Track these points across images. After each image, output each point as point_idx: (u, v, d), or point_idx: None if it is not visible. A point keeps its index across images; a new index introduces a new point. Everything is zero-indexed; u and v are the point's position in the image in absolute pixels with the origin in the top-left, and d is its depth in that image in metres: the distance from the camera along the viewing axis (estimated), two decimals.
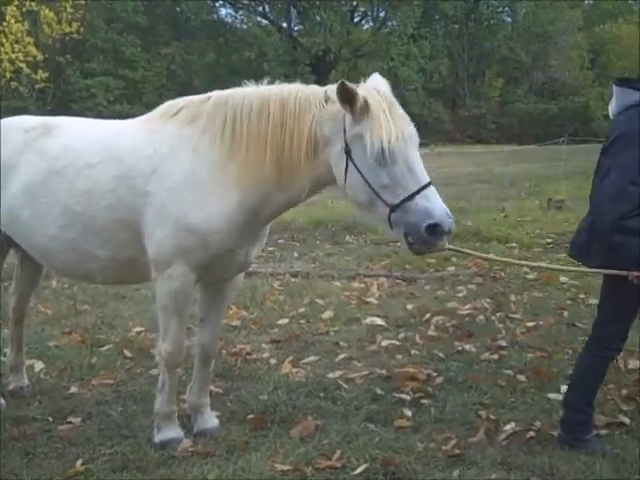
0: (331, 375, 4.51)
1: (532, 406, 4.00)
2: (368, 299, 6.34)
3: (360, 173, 3.19)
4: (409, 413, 3.93)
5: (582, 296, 6.38)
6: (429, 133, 30.72)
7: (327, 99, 3.32)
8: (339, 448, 3.52)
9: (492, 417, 3.81)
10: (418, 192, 3.08)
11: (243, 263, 3.68)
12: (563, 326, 5.50)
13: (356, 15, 43.75)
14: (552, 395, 4.10)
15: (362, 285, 6.95)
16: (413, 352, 4.95)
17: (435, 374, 4.46)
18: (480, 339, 5.15)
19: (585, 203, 3.61)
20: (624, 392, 4.08)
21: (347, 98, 3.13)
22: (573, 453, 3.39)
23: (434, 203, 3.07)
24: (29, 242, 3.86)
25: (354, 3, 41.62)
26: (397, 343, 5.09)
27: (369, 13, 43.49)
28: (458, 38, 44.26)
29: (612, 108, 3.57)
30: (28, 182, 3.71)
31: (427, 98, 42.26)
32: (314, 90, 3.43)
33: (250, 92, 3.51)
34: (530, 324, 5.49)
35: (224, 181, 3.43)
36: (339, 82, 3.15)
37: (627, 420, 3.75)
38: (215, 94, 3.59)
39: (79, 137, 3.80)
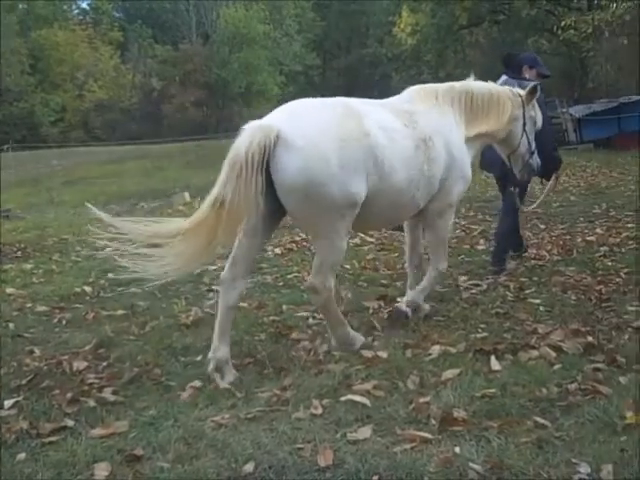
0: None
1: None
2: None
3: (528, 138, 5.61)
4: None
5: (29, 305, 6.29)
6: None
7: (514, 94, 5.49)
8: None
9: None
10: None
11: None
12: (8, 339, 5.32)
13: None
14: None
15: None
16: None
17: None
18: None
19: (35, 211, 3.57)
20: (69, 395, 4.08)
21: (534, 93, 5.54)
22: None
23: None
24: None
25: None
26: None
27: None
28: None
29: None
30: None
31: None
32: (504, 87, 5.67)
33: (477, 85, 5.34)
34: None
35: (467, 144, 5.16)
36: (534, 84, 5.57)
37: (72, 423, 3.74)
38: (455, 84, 5.26)
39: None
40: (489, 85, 5.43)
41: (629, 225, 8.94)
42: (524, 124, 5.52)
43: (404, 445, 3.30)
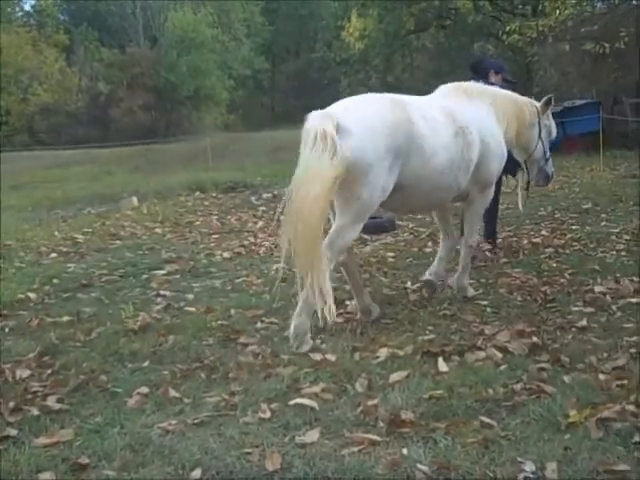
0: None
1: None
2: None
3: (543, 144, 6.27)
4: None
5: None
6: None
7: (531, 103, 6.21)
8: None
9: None
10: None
11: None
12: None
13: None
14: None
15: None
16: None
17: None
18: None
19: None
20: (12, 404, 3.98)
21: (549, 104, 6.25)
22: None
23: None
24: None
25: None
26: None
27: None
28: None
29: None
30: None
31: None
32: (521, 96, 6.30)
33: (498, 90, 6.17)
34: None
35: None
36: (549, 96, 6.26)
37: (15, 432, 3.65)
38: (474, 84, 5.92)
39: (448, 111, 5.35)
40: (507, 91, 6.29)
41: (573, 227, 9.13)
42: (539, 131, 6.20)
43: (352, 448, 3.30)
